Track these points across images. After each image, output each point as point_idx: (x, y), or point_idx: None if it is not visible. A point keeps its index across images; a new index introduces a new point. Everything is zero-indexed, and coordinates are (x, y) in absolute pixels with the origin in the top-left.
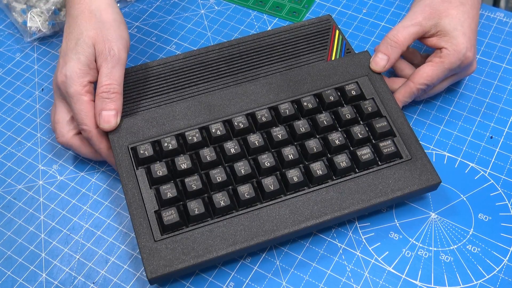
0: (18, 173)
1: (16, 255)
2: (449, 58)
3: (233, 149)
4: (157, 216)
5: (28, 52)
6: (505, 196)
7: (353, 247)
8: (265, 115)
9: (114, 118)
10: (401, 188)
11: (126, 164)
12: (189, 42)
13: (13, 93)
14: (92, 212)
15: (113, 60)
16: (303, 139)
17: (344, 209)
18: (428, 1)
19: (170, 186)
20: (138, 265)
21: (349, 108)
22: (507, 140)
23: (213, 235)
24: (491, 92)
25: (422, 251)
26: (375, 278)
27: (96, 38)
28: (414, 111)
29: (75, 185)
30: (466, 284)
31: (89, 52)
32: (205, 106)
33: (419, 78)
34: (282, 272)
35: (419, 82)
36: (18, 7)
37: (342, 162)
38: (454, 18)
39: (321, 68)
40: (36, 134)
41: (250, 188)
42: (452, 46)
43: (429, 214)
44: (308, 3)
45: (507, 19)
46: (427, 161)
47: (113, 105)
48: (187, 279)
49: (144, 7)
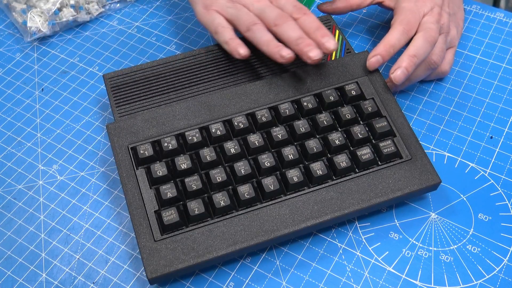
0: (18, 173)
1: (16, 255)
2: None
3: (233, 149)
4: (157, 216)
5: (28, 52)
6: (505, 196)
7: (353, 247)
8: (265, 115)
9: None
10: (401, 188)
11: (126, 164)
12: (189, 42)
13: (13, 93)
14: (92, 212)
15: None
16: (303, 139)
17: (344, 209)
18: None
19: (170, 186)
20: (138, 265)
21: (349, 108)
22: (507, 140)
23: (213, 235)
24: (491, 92)
25: (422, 251)
26: (375, 278)
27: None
28: (414, 111)
29: (75, 185)
30: (466, 284)
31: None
32: (205, 106)
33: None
34: (282, 272)
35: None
36: (18, 7)
37: (342, 162)
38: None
39: (321, 68)
40: (36, 134)
41: (250, 188)
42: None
43: (429, 214)
44: (308, 3)
45: (507, 19)
46: (427, 161)
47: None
48: (187, 279)
49: (144, 7)
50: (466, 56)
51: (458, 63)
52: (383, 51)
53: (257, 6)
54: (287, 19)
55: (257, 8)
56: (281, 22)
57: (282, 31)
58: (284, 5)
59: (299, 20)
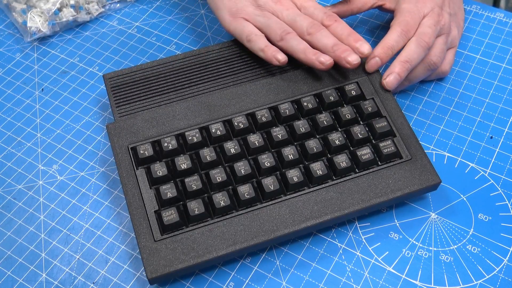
0: (18, 173)
1: (16, 255)
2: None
3: (233, 149)
4: (157, 216)
5: (28, 52)
6: (505, 196)
7: (353, 247)
8: (265, 115)
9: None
10: (401, 188)
11: (126, 164)
12: (189, 42)
13: (13, 93)
14: (92, 212)
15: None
16: (303, 139)
17: (344, 209)
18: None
19: (170, 186)
20: (138, 265)
21: (349, 108)
22: (507, 140)
23: (213, 235)
24: (491, 92)
25: (422, 251)
26: (375, 278)
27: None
28: (414, 111)
29: (75, 185)
30: (466, 284)
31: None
32: (205, 106)
33: (382, 45)
34: (282, 272)
35: (383, 48)
36: (18, 7)
37: (342, 162)
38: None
39: None
40: (36, 134)
41: (250, 188)
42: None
43: (429, 214)
44: None
45: (507, 19)
46: (427, 161)
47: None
48: (187, 279)
49: (144, 7)
50: (466, 56)
51: (458, 63)
52: (381, 53)
53: (287, 14)
54: (320, 27)
55: (287, 16)
56: (314, 30)
57: (317, 40)
58: (313, 12)
59: (330, 27)
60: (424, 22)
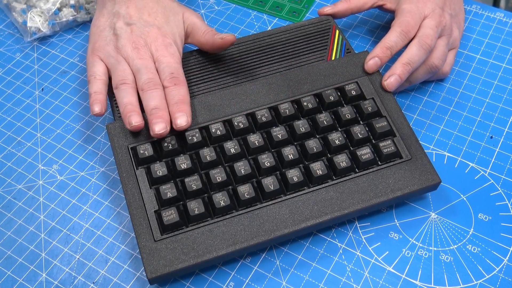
0: (18, 173)
1: (16, 255)
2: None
3: (233, 149)
4: (157, 216)
5: (28, 52)
6: (505, 196)
7: (353, 247)
8: (265, 115)
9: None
10: (401, 188)
11: (126, 164)
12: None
13: (13, 93)
14: (92, 212)
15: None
16: (303, 139)
17: (344, 209)
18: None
19: (170, 186)
20: (138, 265)
21: (349, 108)
22: (507, 140)
23: (213, 235)
24: (491, 92)
25: (422, 251)
26: (375, 278)
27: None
28: (414, 111)
29: (75, 185)
30: (466, 284)
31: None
32: (205, 106)
33: (381, 44)
34: (282, 272)
35: (382, 48)
36: (18, 7)
37: (342, 162)
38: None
39: (321, 68)
40: (36, 134)
41: (250, 188)
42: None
43: (429, 214)
44: (308, 3)
45: (507, 19)
46: (427, 161)
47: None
48: (187, 279)
49: None
50: (466, 56)
51: (458, 63)
52: (380, 53)
53: (136, 64)
54: (154, 86)
55: (135, 65)
56: (147, 87)
57: (145, 98)
58: (162, 69)
59: (167, 89)
60: (425, 23)
